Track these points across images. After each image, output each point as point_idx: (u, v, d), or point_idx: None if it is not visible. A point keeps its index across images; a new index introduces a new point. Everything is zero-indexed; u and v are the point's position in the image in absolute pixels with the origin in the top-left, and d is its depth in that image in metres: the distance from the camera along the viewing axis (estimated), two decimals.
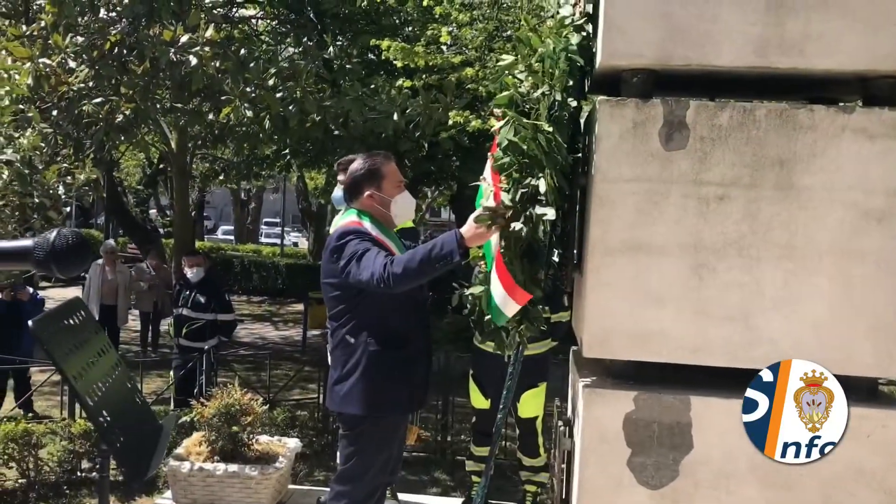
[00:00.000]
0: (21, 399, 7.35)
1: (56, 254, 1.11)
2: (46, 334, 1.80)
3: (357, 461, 3.22)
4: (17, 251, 1.15)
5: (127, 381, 2.31)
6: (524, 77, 2.52)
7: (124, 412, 2.05)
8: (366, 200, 3.29)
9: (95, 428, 1.91)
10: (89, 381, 1.95)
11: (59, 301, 2.17)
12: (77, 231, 1.14)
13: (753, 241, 2.35)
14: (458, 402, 7.18)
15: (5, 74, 4.08)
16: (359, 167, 3.33)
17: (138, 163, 23.65)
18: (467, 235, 2.77)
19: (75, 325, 1.98)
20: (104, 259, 11.00)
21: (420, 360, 3.33)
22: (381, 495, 3.45)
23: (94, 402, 1.95)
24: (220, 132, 8.86)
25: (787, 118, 2.32)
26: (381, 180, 3.29)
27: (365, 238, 3.13)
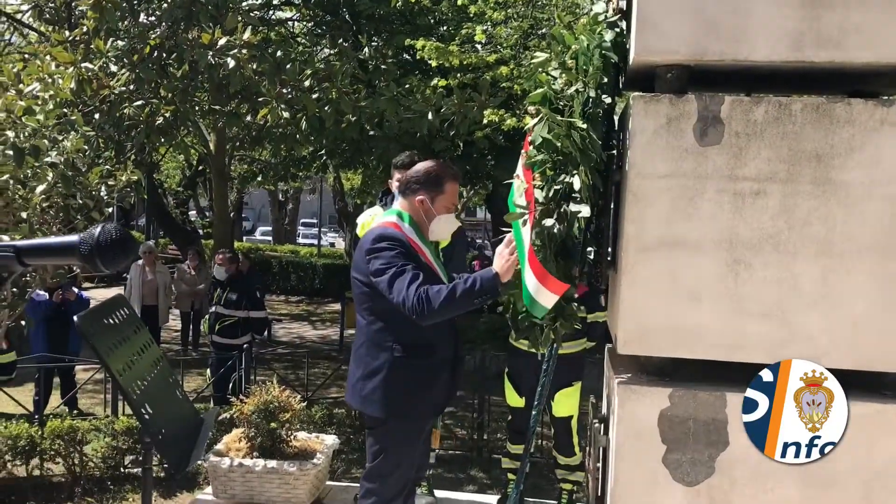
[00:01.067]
0: (66, 396, 7.51)
1: (100, 248, 1.14)
2: (91, 330, 1.85)
3: (384, 459, 3.26)
4: (63, 246, 1.19)
5: (168, 376, 2.36)
6: (558, 74, 2.53)
7: (166, 406, 2.09)
8: (415, 203, 3.28)
9: (138, 420, 1.96)
10: (133, 375, 2.00)
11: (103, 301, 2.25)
12: (120, 227, 1.18)
13: (790, 237, 2.32)
14: (494, 400, 7.20)
15: (49, 79, 4.18)
16: (423, 170, 3.31)
17: (178, 165, 23.99)
18: (503, 271, 2.89)
19: (119, 321, 2.03)
20: (144, 260, 11.21)
21: (445, 368, 3.34)
22: (409, 491, 3.48)
23: (137, 396, 2.00)
24: (257, 134, 8.97)
25: (824, 112, 2.29)
26: (438, 194, 3.28)
27: (399, 248, 3.13)
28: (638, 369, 2.54)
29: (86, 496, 5.76)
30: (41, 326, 7.76)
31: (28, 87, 4.00)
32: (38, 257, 1.21)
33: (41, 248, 1.20)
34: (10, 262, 1.18)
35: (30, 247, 1.19)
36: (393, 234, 3.18)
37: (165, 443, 2.02)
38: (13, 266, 1.19)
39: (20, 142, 3.34)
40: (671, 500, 2.42)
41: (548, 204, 2.48)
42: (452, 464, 6.72)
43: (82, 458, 5.91)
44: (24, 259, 1.18)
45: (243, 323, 8.19)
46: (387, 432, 3.25)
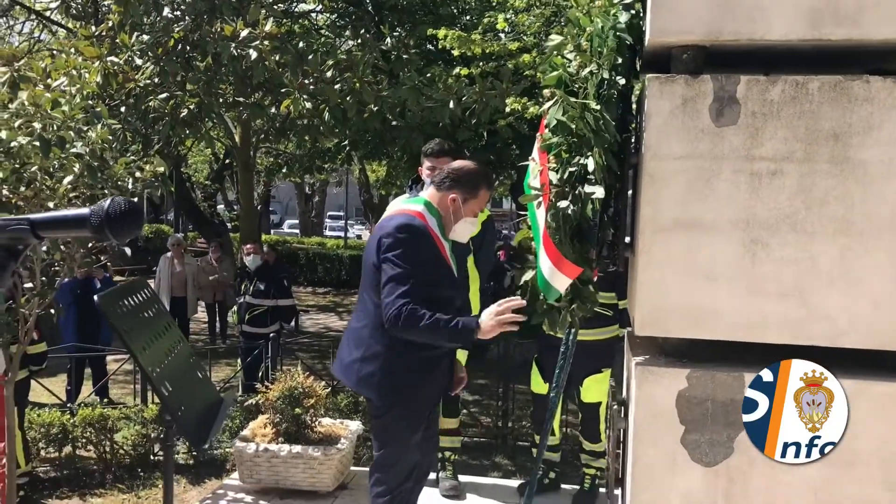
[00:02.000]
0: (97, 385, 7.65)
1: (110, 219, 1.18)
2: (112, 309, 1.89)
3: (389, 448, 3.28)
4: (75, 218, 1.23)
5: (189, 356, 2.41)
6: (573, 57, 2.53)
7: (186, 384, 2.14)
8: (446, 199, 3.28)
9: (158, 397, 2.01)
10: (154, 353, 2.05)
11: (124, 282, 2.29)
12: (130, 199, 1.21)
13: (808, 217, 2.31)
14: (519, 388, 7.23)
15: (75, 73, 4.25)
16: (469, 169, 3.32)
17: (205, 158, 24.23)
18: (485, 329, 2.99)
19: (140, 302, 2.07)
20: (172, 252, 11.36)
21: (448, 356, 3.36)
22: (421, 474, 3.51)
23: (157, 374, 2.04)
24: (281, 125, 9.04)
25: (842, 90, 2.28)
26: (471, 197, 3.29)
27: (419, 243, 3.15)
28: (656, 351, 2.54)
29: (116, 483, 5.87)
30: (71, 314, 7.91)
31: (56, 81, 4.07)
32: (51, 229, 1.26)
33: (54, 221, 1.24)
34: (25, 235, 1.22)
35: (44, 219, 1.24)
36: (418, 227, 3.18)
37: (185, 419, 2.07)
38: (28, 238, 1.23)
39: (47, 133, 3.41)
40: (690, 480, 2.43)
41: (562, 186, 2.49)
42: (477, 451, 6.75)
43: (113, 446, 6.03)
44: (38, 231, 1.22)
45: (272, 312, 8.35)
46: (389, 422, 3.27)
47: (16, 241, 1.23)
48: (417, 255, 3.12)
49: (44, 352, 5.64)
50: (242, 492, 4.68)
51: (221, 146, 15.70)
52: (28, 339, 3.85)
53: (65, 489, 5.75)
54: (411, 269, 3.09)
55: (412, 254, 3.12)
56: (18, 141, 3.43)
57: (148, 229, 23.07)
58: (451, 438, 4.89)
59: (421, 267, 3.12)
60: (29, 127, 3.43)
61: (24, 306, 3.74)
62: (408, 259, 3.10)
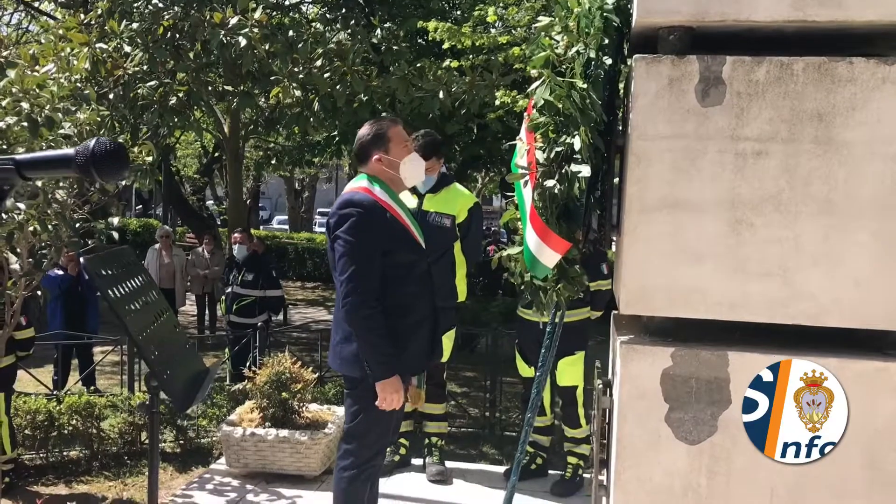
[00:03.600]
0: (84, 373, 7.62)
1: (95, 159, 1.18)
2: (98, 271, 1.89)
3: (362, 419, 3.30)
4: (60, 158, 1.23)
5: (174, 326, 2.41)
6: (560, 38, 2.54)
7: (172, 351, 2.15)
8: (374, 164, 3.35)
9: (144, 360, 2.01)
10: (140, 319, 2.05)
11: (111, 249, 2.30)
12: (115, 140, 1.22)
13: (792, 197, 2.33)
14: (506, 380, 7.26)
15: (63, 57, 4.24)
16: (365, 132, 3.40)
17: (194, 152, 24.16)
18: (381, 385, 3.16)
19: (126, 270, 2.07)
20: (160, 244, 11.35)
21: (423, 326, 3.38)
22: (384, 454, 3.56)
23: (143, 338, 2.04)
24: (270, 115, 9.02)
25: (826, 71, 2.30)
26: (388, 143, 3.34)
27: (360, 219, 3.17)
28: (640, 330, 2.56)
29: (103, 470, 5.86)
30: (58, 304, 7.89)
31: (44, 67, 4.06)
32: (37, 169, 1.26)
33: (40, 161, 1.24)
34: (10, 175, 1.23)
35: (29, 159, 1.24)
36: (360, 200, 3.22)
37: (170, 382, 2.07)
38: (13, 178, 1.23)
39: (35, 113, 3.40)
40: (674, 458, 2.45)
41: (549, 165, 2.51)
42: (465, 441, 6.77)
43: (100, 434, 6.01)
44: (23, 171, 1.22)
45: (260, 302, 8.38)
46: (363, 392, 3.28)
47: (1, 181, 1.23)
48: (363, 226, 3.16)
49: (31, 337, 5.61)
50: (229, 476, 4.69)
51: (210, 138, 15.66)
52: (14, 322, 3.85)
53: (50, 476, 5.73)
54: (360, 243, 3.14)
55: (357, 226, 3.16)
56: (6, 121, 3.42)
57: (136, 223, 23.00)
58: (437, 424, 4.92)
59: (370, 236, 3.16)
60: (17, 107, 3.42)
61: (11, 289, 3.73)
62: (353, 232, 3.15)
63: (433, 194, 4.64)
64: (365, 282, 3.11)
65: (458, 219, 4.63)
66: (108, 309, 2.22)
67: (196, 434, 6.34)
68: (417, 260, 3.34)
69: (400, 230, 3.27)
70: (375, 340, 3.12)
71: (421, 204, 4.60)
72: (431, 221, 4.52)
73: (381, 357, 3.13)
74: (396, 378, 3.16)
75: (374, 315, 3.11)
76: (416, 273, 3.29)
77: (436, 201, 4.62)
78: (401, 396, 3.17)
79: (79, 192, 3.69)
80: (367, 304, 3.11)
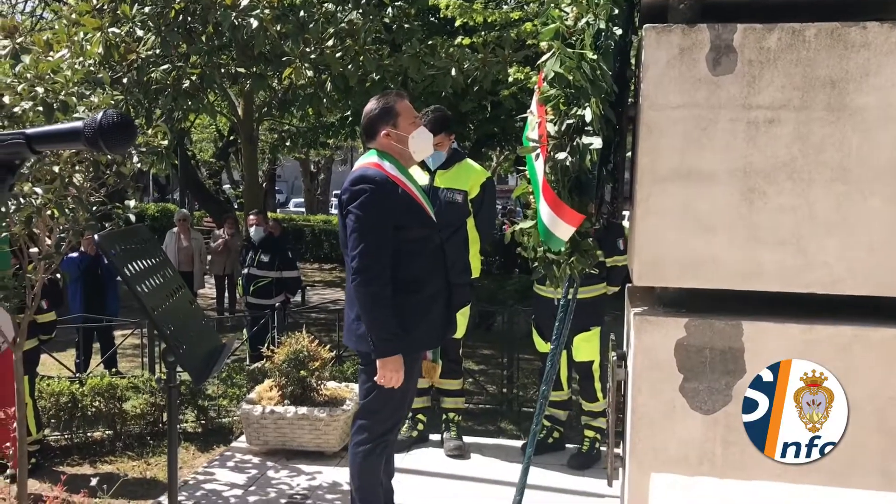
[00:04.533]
0: (105, 355, 7.72)
1: (103, 131, 1.21)
2: (113, 248, 1.92)
3: (376, 395, 3.31)
4: (69, 131, 1.25)
5: (190, 301, 2.44)
6: (570, 10, 2.53)
7: (187, 326, 2.17)
8: (383, 139, 3.35)
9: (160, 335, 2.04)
10: (156, 294, 2.08)
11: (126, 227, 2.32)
12: (122, 112, 1.24)
13: (805, 164, 2.32)
14: (524, 357, 7.29)
15: (77, 41, 4.26)
16: (373, 107, 3.39)
17: (210, 136, 24.23)
18: (387, 361, 3.16)
19: (141, 245, 2.10)
20: (178, 227, 11.44)
21: (437, 300, 3.38)
22: (398, 429, 3.58)
23: (159, 313, 2.07)
24: (283, 96, 9.03)
25: (839, 37, 2.28)
26: (396, 118, 3.34)
27: (373, 195, 3.17)
28: (654, 301, 2.56)
29: (126, 451, 5.95)
30: (78, 286, 7.98)
31: (58, 53, 4.08)
32: (47, 143, 1.28)
33: (50, 134, 1.26)
34: (21, 149, 1.25)
35: (39, 133, 1.26)
36: (372, 175, 3.23)
37: (186, 356, 2.11)
38: (24, 152, 1.26)
39: (49, 97, 3.43)
40: (689, 428, 2.46)
41: (560, 137, 2.50)
42: (483, 417, 6.81)
43: (122, 415, 6.10)
44: (34, 144, 1.25)
45: (277, 283, 8.44)
46: (376, 369, 3.28)
47: (12, 155, 1.25)
48: (375, 202, 3.17)
49: (53, 321, 5.69)
50: (249, 454, 4.75)
51: (225, 121, 15.68)
52: (35, 305, 3.89)
53: (75, 456, 5.83)
54: (372, 218, 3.15)
55: (369, 202, 3.17)
56: (22, 106, 3.45)
57: (154, 208, 23.14)
58: (453, 399, 4.95)
59: (382, 212, 3.18)
60: (32, 92, 3.45)
61: (31, 272, 3.78)
62: (365, 208, 3.16)
63: (444, 171, 4.64)
64: (375, 257, 3.12)
65: (471, 194, 4.63)
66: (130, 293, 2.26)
67: (217, 414, 6.42)
68: (430, 234, 3.35)
69: (412, 205, 3.28)
70: (381, 316, 3.14)
71: (432, 181, 4.60)
72: (443, 197, 4.52)
73: (386, 334, 3.15)
74: (398, 357, 3.17)
75: (382, 291, 3.13)
76: (429, 248, 3.31)
77: (447, 177, 4.62)
78: (401, 376, 3.18)
79: (95, 176, 3.72)
80: (377, 280, 3.13)
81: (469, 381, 6.74)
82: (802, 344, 2.35)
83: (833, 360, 2.33)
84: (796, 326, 2.36)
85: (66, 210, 3.54)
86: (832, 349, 2.33)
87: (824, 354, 2.33)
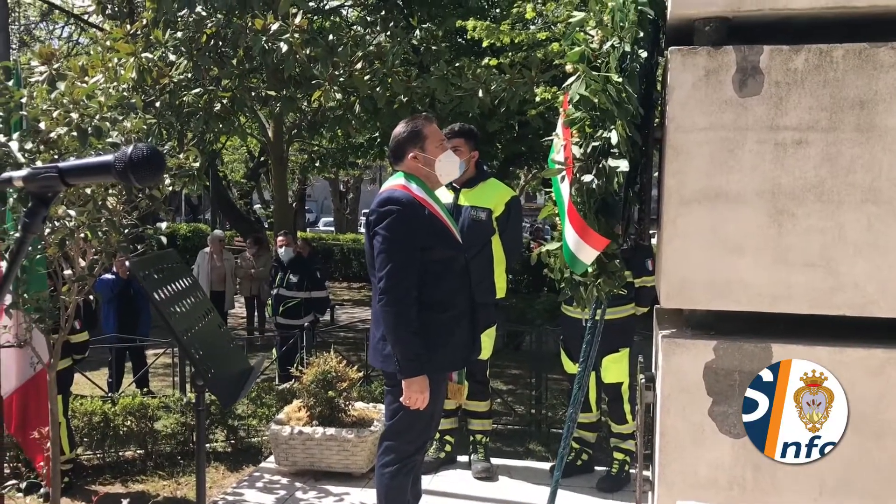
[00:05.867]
0: (137, 374, 7.81)
1: (133, 164, 1.24)
2: (144, 273, 1.95)
3: (403, 416, 3.31)
4: (100, 165, 1.29)
5: (219, 325, 2.47)
6: (595, 33, 2.54)
7: (216, 349, 2.20)
8: (410, 162, 3.38)
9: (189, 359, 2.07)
10: (185, 319, 2.11)
11: (157, 252, 2.36)
12: (152, 145, 1.27)
13: (834, 186, 2.30)
14: (552, 377, 7.25)
15: (111, 67, 4.36)
16: (401, 130, 3.43)
17: (241, 157, 24.54)
18: (407, 382, 3.16)
19: (171, 270, 2.14)
20: (211, 247, 11.57)
21: (462, 321, 3.39)
22: (425, 450, 3.57)
23: (188, 338, 2.10)
24: (312, 118, 9.14)
25: (867, 58, 2.26)
26: (424, 141, 3.38)
27: (400, 216, 3.20)
28: (682, 323, 2.54)
29: (157, 470, 6.00)
30: (111, 308, 8.09)
31: (92, 78, 4.18)
32: (79, 176, 1.32)
33: (81, 168, 1.30)
34: (54, 182, 1.29)
35: (71, 167, 1.30)
36: (399, 197, 3.25)
37: (215, 380, 2.13)
38: (57, 185, 1.29)
39: (84, 123, 3.51)
40: (718, 452, 2.43)
41: (586, 160, 2.51)
42: (511, 438, 6.78)
43: (153, 434, 6.15)
44: (66, 178, 1.29)
45: (306, 303, 8.50)
46: (402, 391, 3.28)
47: (46, 188, 1.29)
48: (403, 223, 3.20)
49: (86, 341, 5.77)
50: (278, 474, 4.77)
51: (255, 142, 15.87)
52: (69, 326, 3.96)
53: (107, 476, 5.89)
54: (399, 239, 3.18)
55: (396, 223, 3.20)
56: (57, 131, 3.53)
57: (186, 228, 23.42)
58: (481, 421, 4.93)
59: (409, 233, 3.20)
60: (67, 117, 3.53)
61: (65, 294, 3.85)
62: (393, 229, 3.19)
63: (469, 189, 4.64)
64: (402, 278, 3.14)
65: (496, 212, 4.62)
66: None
67: (246, 433, 6.46)
68: (456, 256, 3.36)
69: (438, 226, 3.30)
70: (407, 337, 3.15)
71: (457, 199, 4.61)
72: (467, 215, 4.53)
73: (411, 354, 3.16)
74: (423, 378, 3.18)
75: (408, 312, 3.15)
76: (454, 269, 3.32)
77: (472, 196, 4.62)
78: (426, 397, 3.19)
79: (128, 199, 3.78)
80: (403, 301, 3.15)
81: (497, 402, 6.72)
82: (833, 366, 2.31)
83: (865, 383, 2.30)
84: (826, 349, 2.33)
85: (98, 233, 3.60)
86: (863, 372, 2.30)
87: (855, 377, 2.30)
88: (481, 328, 3.60)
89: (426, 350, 3.21)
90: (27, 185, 1.29)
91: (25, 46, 15.62)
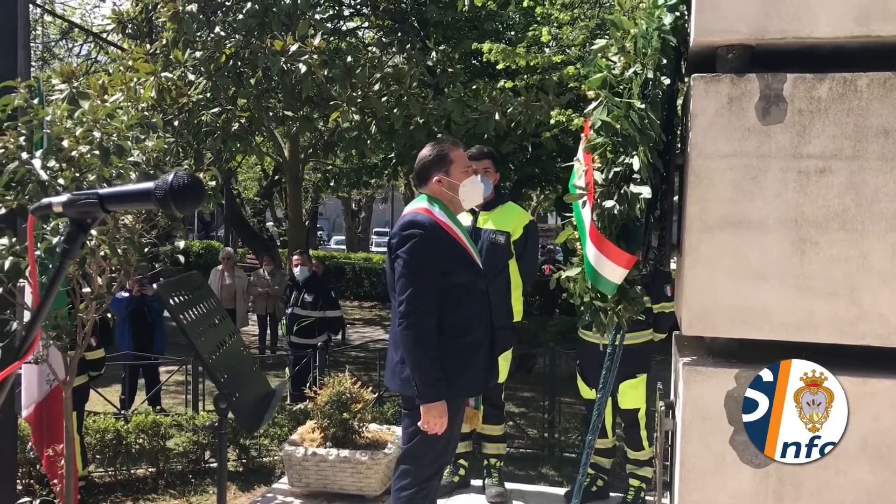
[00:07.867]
0: (150, 392, 7.81)
1: (174, 192, 1.25)
2: (170, 296, 1.96)
3: (420, 440, 3.30)
4: (141, 192, 1.30)
5: (242, 348, 2.47)
6: (617, 59, 2.55)
7: (239, 373, 2.20)
8: (434, 185, 3.39)
9: (214, 383, 2.07)
10: (209, 342, 2.11)
11: (181, 275, 2.37)
12: (191, 173, 1.28)
13: (858, 214, 2.29)
14: (565, 400, 7.22)
15: (131, 87, 4.40)
16: (428, 153, 3.44)
17: (255, 175, 24.66)
18: (425, 407, 3.14)
19: (196, 294, 2.14)
20: (223, 265, 11.59)
21: (482, 346, 3.38)
22: (441, 474, 3.55)
23: (213, 361, 2.10)
24: (328, 139, 9.19)
25: (892, 87, 2.26)
26: (449, 165, 3.38)
27: (422, 240, 3.20)
28: (703, 351, 2.53)
29: (168, 488, 5.99)
30: (126, 326, 8.12)
31: (112, 97, 4.22)
32: (119, 202, 1.33)
33: (122, 195, 1.32)
34: (93, 209, 1.30)
35: (111, 193, 1.31)
36: (422, 221, 3.26)
37: (239, 404, 2.13)
38: (97, 212, 1.31)
39: (106, 142, 3.54)
40: (739, 482, 2.40)
41: (608, 185, 2.50)
42: (524, 462, 6.74)
43: (165, 452, 6.15)
44: (106, 205, 1.30)
45: (320, 323, 8.51)
46: (419, 415, 3.26)
47: (85, 214, 1.30)
48: (424, 247, 3.20)
49: (101, 358, 5.79)
50: (291, 495, 4.74)
51: (271, 161, 15.96)
52: (85, 343, 3.97)
53: (119, 494, 5.88)
54: (421, 264, 3.18)
55: (418, 247, 3.20)
56: (79, 150, 3.56)
57: (198, 245, 23.52)
58: (495, 445, 4.90)
59: (430, 257, 3.20)
60: (88, 136, 3.56)
61: (83, 311, 3.86)
62: (415, 253, 3.19)
63: (488, 212, 4.65)
64: (423, 303, 3.14)
65: (514, 236, 4.63)
66: (175, 330, 2.30)
67: (258, 453, 6.44)
68: (476, 280, 3.36)
69: (459, 251, 3.30)
70: (426, 362, 3.14)
71: (475, 222, 4.62)
72: (486, 238, 4.54)
73: (430, 379, 3.15)
74: (442, 403, 3.17)
75: (428, 337, 3.14)
76: (474, 293, 3.32)
77: (491, 219, 4.63)
78: (444, 422, 3.18)
79: (146, 218, 3.81)
80: (423, 325, 3.14)
81: (510, 425, 6.68)
82: (856, 397, 2.29)
83: (889, 414, 2.27)
84: (850, 379, 2.31)
85: (118, 251, 3.62)
86: (888, 403, 2.27)
87: (880, 409, 2.28)
88: (499, 352, 3.58)
89: (445, 375, 3.20)
90: (66, 211, 1.31)
91: (45, 64, 15.80)
